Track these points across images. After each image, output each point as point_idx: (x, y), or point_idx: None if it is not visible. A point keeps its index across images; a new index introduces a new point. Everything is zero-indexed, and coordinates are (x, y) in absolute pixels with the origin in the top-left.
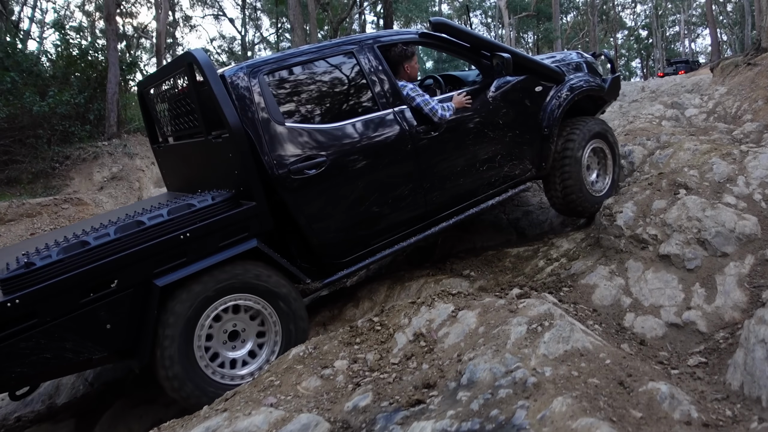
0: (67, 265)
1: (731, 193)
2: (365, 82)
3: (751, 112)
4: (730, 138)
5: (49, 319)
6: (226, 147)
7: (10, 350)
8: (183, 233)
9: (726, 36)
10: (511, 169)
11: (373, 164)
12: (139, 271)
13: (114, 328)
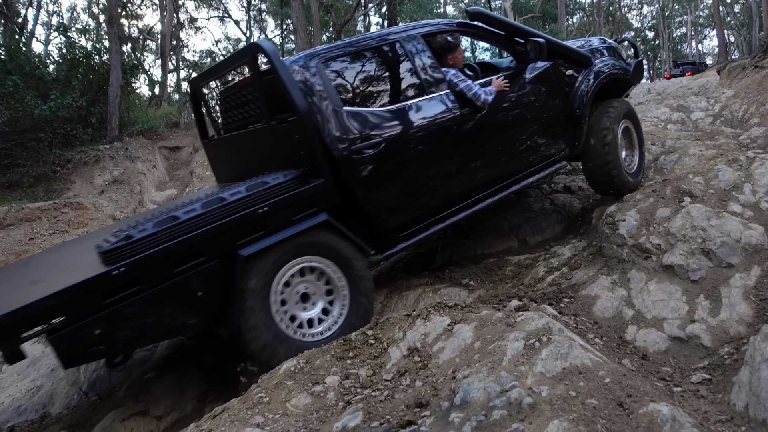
0: (161, 238)
1: (737, 201)
2: (412, 69)
3: (758, 116)
4: (736, 143)
5: (148, 287)
6: (293, 129)
7: (117, 315)
8: (261, 207)
9: (733, 37)
10: (547, 148)
11: (423, 145)
12: (225, 242)
13: (204, 296)
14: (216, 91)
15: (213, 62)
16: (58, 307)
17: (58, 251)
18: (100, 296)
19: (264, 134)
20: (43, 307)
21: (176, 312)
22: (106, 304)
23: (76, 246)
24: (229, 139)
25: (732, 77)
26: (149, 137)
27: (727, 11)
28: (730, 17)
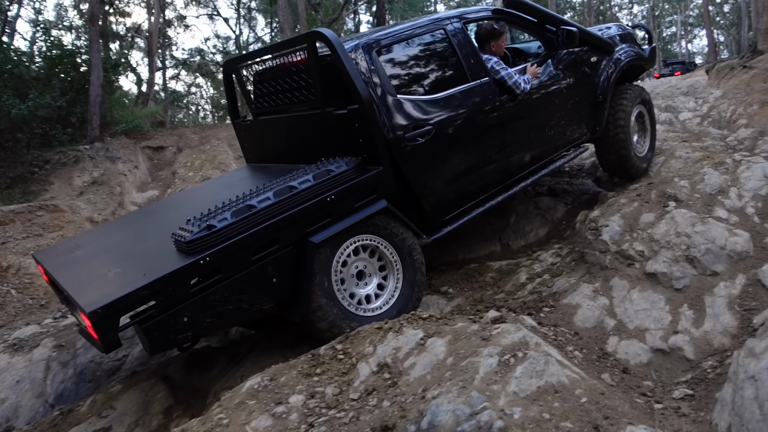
0: (240, 227)
1: (723, 207)
2: (456, 57)
3: (746, 117)
4: (723, 145)
5: (230, 275)
6: (353, 117)
7: (203, 303)
8: (329, 196)
9: (723, 37)
10: (572, 132)
11: (468, 131)
12: (297, 230)
13: (279, 282)
14: (268, 73)
15: (203, 60)
16: (151, 296)
17: (101, 236)
18: (187, 285)
19: (317, 120)
20: (139, 296)
21: (254, 298)
22: (193, 292)
23: (124, 229)
24: (270, 121)
25: (720, 77)
26: (133, 137)
27: (717, 11)
28: (719, 17)
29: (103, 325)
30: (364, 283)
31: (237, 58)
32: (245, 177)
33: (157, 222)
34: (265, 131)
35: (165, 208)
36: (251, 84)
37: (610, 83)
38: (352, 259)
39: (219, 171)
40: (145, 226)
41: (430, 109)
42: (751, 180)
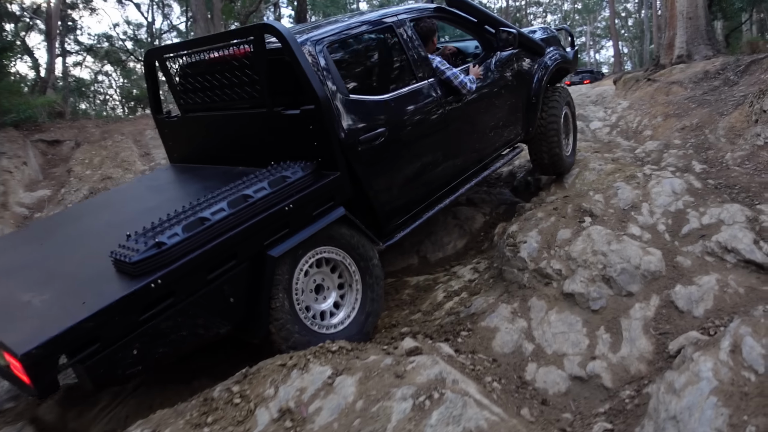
0: (193, 243)
1: (636, 223)
2: (404, 55)
3: (651, 128)
4: (632, 157)
5: (183, 298)
6: (306, 119)
7: (154, 331)
8: (287, 205)
9: (627, 48)
10: (509, 133)
11: (418, 133)
12: (254, 243)
13: (235, 302)
14: (200, 66)
15: (111, 47)
16: (96, 328)
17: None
18: (137, 313)
19: (261, 119)
20: (82, 330)
21: (210, 321)
22: (143, 320)
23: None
24: (201, 119)
25: (627, 89)
26: (24, 129)
27: (622, 24)
28: (624, 30)
29: (39, 367)
30: (322, 297)
31: (162, 48)
32: (173, 179)
33: (80, 233)
34: (195, 129)
35: (85, 216)
36: (179, 77)
37: (543, 85)
38: (313, 271)
39: (121, 170)
40: (65, 238)
41: (381, 110)
42: (661, 196)
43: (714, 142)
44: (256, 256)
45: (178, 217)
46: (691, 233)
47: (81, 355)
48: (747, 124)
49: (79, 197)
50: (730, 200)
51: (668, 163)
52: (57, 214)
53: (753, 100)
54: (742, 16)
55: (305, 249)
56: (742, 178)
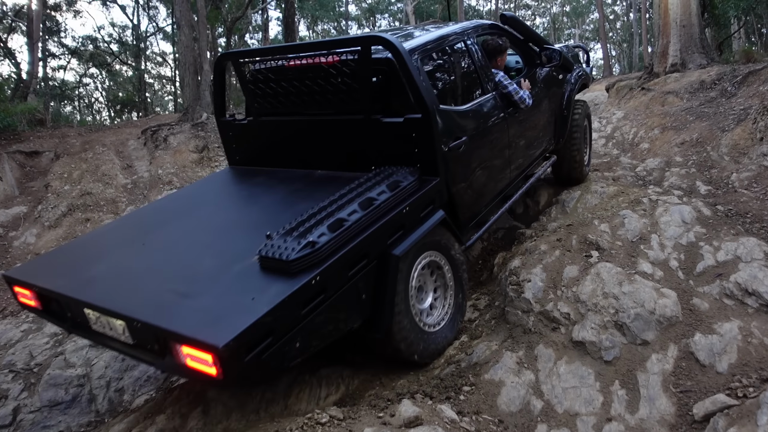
0: (337, 243)
1: (647, 258)
2: (475, 69)
3: (648, 141)
4: (634, 176)
5: (332, 294)
6: (410, 126)
7: (310, 325)
8: (404, 207)
9: (615, 51)
10: (547, 143)
11: (487, 142)
12: (381, 243)
13: (366, 298)
14: (290, 71)
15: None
16: (273, 323)
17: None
18: (300, 307)
19: (356, 126)
20: (263, 324)
21: (349, 316)
22: (303, 314)
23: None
24: (277, 123)
25: (620, 97)
26: (2, 138)
27: (611, 27)
28: (612, 33)
29: (231, 359)
30: (421, 298)
31: (239, 53)
32: (249, 181)
33: (192, 231)
34: (268, 132)
35: (181, 215)
36: (257, 81)
37: (573, 98)
38: (418, 273)
39: (102, 184)
40: (176, 234)
41: (462, 119)
42: (670, 226)
43: (717, 160)
44: (381, 256)
45: (314, 218)
46: (706, 271)
47: (258, 348)
48: (751, 141)
49: (57, 215)
50: (744, 232)
51: (672, 183)
52: (139, 211)
53: (757, 116)
54: (732, 25)
55: (418, 251)
56: (753, 205)
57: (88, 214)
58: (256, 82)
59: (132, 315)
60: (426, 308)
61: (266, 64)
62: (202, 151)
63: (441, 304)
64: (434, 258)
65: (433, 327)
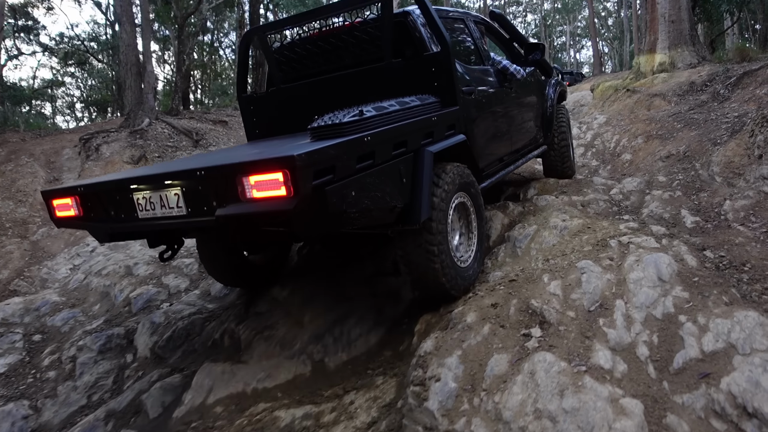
0: (381, 121)
1: (605, 342)
2: (474, 44)
3: (630, 151)
4: (607, 200)
5: (379, 162)
6: (429, 63)
7: (362, 182)
8: (433, 115)
9: (607, 48)
10: (536, 133)
11: (492, 102)
12: (416, 138)
13: (406, 184)
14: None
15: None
16: (334, 159)
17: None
18: (355, 160)
19: (377, 73)
20: (328, 155)
21: (392, 192)
22: (358, 168)
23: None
24: (302, 86)
25: (605, 99)
26: None
27: (602, 23)
28: (604, 30)
29: (302, 175)
30: (452, 235)
31: (266, 26)
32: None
33: (227, 152)
34: (292, 99)
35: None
36: (282, 52)
37: (555, 100)
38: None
39: (13, 202)
40: (218, 153)
41: (471, 75)
42: (642, 286)
43: (707, 181)
44: (417, 151)
45: (358, 107)
46: (687, 368)
47: (323, 179)
48: (748, 159)
49: None
50: (740, 299)
51: (651, 212)
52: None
53: (754, 128)
54: (725, 20)
55: (452, 192)
56: (752, 250)
57: None
58: (281, 51)
59: (193, 167)
60: (455, 245)
61: (296, 33)
62: (138, 162)
63: (468, 242)
64: (463, 200)
65: (464, 262)
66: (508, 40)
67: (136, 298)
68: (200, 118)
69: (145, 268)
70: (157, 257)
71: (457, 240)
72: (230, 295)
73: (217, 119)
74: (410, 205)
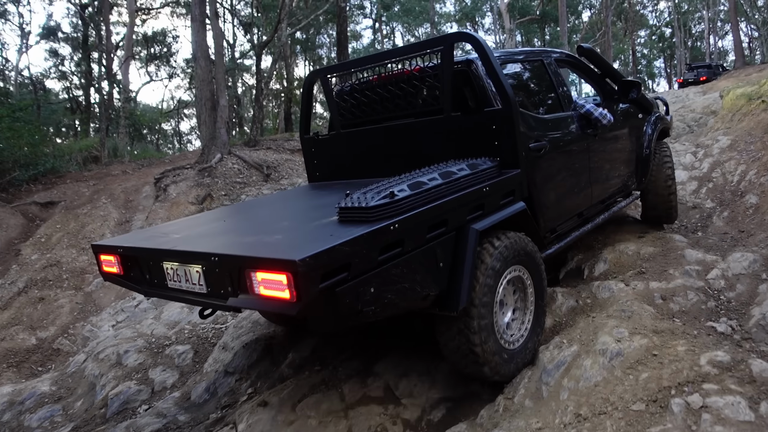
0: (417, 201)
1: None
2: (553, 87)
3: (758, 191)
4: (700, 291)
5: (409, 250)
6: (490, 119)
7: (386, 275)
8: (485, 186)
9: (757, 33)
10: (628, 179)
11: (568, 154)
12: (459, 215)
13: (444, 268)
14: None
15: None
16: (349, 256)
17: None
18: (377, 251)
19: (436, 125)
20: (340, 253)
21: (425, 280)
22: (380, 261)
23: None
24: (362, 133)
25: (734, 111)
26: (40, 182)
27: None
28: (754, 11)
29: (306, 279)
30: (502, 312)
31: (327, 69)
32: (337, 186)
33: (263, 213)
34: (352, 144)
35: (258, 207)
36: (343, 94)
37: (654, 140)
38: (502, 287)
39: (76, 251)
40: (245, 216)
41: (543, 126)
42: None
43: None
44: (460, 228)
45: (394, 182)
46: None
47: (333, 279)
48: None
49: (12, 293)
50: None
51: (765, 318)
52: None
53: None
54: None
55: (506, 264)
56: None
57: (44, 292)
58: (341, 95)
59: (210, 251)
60: (505, 323)
61: (358, 77)
62: (203, 202)
63: (520, 322)
64: (519, 273)
65: (510, 344)
66: (599, 77)
67: (113, 398)
68: (278, 147)
69: (135, 357)
70: (147, 347)
71: (509, 317)
72: (210, 402)
73: (295, 148)
74: (447, 291)
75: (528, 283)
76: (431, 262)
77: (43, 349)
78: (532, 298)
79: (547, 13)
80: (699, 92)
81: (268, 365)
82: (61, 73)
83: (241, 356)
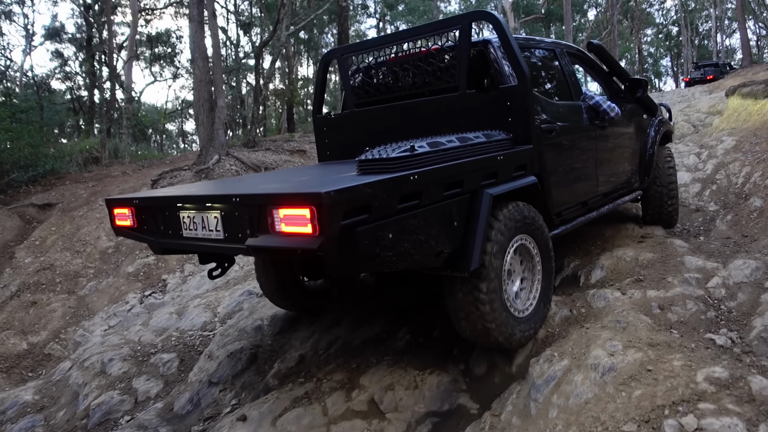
0: (435, 158)
1: None
2: (564, 77)
3: (763, 193)
4: (699, 301)
5: (426, 203)
6: (504, 96)
7: (404, 224)
8: (499, 155)
9: (765, 31)
10: (632, 176)
11: (576, 141)
12: (475, 179)
13: (458, 227)
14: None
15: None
16: (370, 197)
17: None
18: (397, 199)
19: (451, 102)
20: (362, 194)
21: (439, 236)
22: (399, 209)
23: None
24: (377, 110)
25: (739, 112)
26: (38, 183)
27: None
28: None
29: (328, 213)
30: (510, 281)
31: (345, 48)
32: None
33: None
34: (365, 122)
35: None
36: (359, 74)
37: (658, 141)
38: (510, 257)
39: (70, 253)
40: (269, 177)
41: (554, 111)
42: None
43: None
44: (474, 192)
45: (414, 141)
46: None
47: (355, 218)
48: None
49: (3, 297)
50: None
51: (763, 332)
52: None
53: None
54: None
55: (512, 233)
56: None
57: (37, 296)
58: (356, 73)
59: (231, 192)
60: (514, 291)
61: (375, 57)
62: None
63: (528, 290)
64: (525, 242)
65: (519, 312)
66: (607, 74)
67: (95, 409)
68: (278, 148)
69: (120, 365)
70: (133, 355)
71: (518, 286)
72: (193, 413)
73: (296, 148)
74: (460, 251)
75: (535, 252)
76: (447, 219)
77: (34, 354)
78: (540, 267)
79: (552, 11)
80: (705, 91)
81: (253, 375)
82: (65, 74)
83: (225, 366)
